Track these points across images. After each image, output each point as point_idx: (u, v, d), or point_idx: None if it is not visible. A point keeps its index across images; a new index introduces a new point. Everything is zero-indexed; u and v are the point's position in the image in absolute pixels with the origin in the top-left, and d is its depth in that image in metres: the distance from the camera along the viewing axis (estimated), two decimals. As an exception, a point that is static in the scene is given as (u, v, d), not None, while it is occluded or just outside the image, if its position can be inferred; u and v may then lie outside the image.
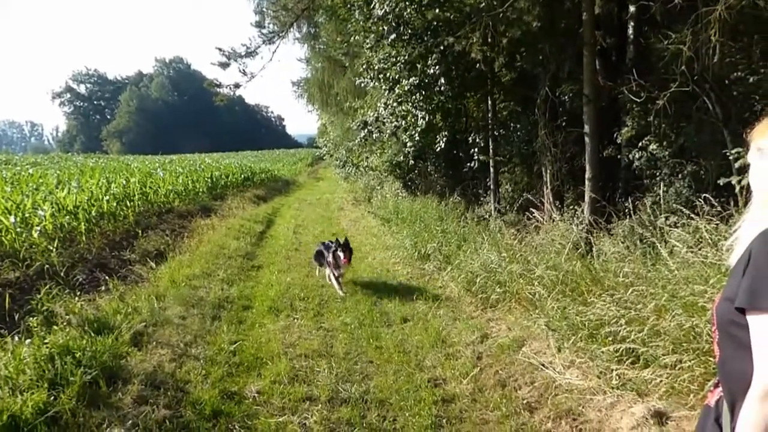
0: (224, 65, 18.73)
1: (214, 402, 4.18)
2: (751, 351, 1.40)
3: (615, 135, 8.67)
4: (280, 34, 18.71)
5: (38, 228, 7.72)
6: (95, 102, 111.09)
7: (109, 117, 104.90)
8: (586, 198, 7.98)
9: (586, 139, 8.05)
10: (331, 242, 7.35)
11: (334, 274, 6.75)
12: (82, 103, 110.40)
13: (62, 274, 6.78)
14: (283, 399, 4.32)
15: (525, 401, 4.16)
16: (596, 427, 3.66)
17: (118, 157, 43.31)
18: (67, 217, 8.81)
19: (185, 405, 4.15)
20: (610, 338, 4.19)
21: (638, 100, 7.25)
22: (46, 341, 4.41)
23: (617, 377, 3.94)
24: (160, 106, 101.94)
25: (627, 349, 4.01)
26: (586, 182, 8.02)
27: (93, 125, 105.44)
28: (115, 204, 10.67)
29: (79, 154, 52.86)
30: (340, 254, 6.41)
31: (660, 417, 3.42)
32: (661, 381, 3.64)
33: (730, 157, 5.96)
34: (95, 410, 3.84)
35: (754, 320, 1.39)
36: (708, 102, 6.95)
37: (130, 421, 3.78)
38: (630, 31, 9.21)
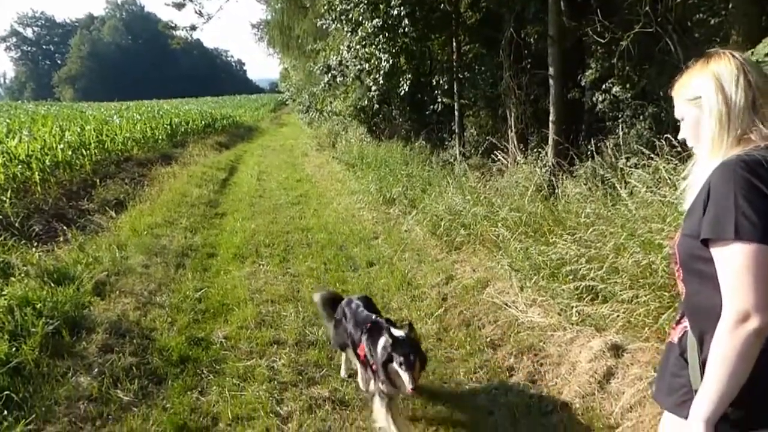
0: (179, 6, 18.05)
1: (181, 348, 4.19)
2: (718, 283, 1.41)
3: (579, 77, 8.65)
4: (238, -27, 17.98)
5: (-12, 178, 7.45)
6: (44, 47, 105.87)
7: (59, 62, 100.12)
8: (550, 140, 8.01)
9: (551, 81, 8.02)
10: (368, 306, 3.63)
11: (381, 397, 3.08)
12: (30, 48, 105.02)
13: (17, 225, 6.58)
14: (251, 343, 4.35)
15: (488, 339, 4.28)
16: (556, 361, 3.80)
17: (72, 105, 41.66)
18: (20, 167, 8.51)
19: (152, 352, 4.15)
20: (570, 277, 4.29)
21: (602, 41, 7.22)
22: (3, 293, 4.32)
23: (577, 314, 4.05)
24: (113, 50, 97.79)
25: (586, 286, 4.11)
26: (550, 125, 8.03)
27: (43, 71, 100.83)
28: (70, 153, 10.33)
29: (29, 101, 50.84)
30: (402, 373, 2.84)
31: (616, 350, 3.55)
32: (618, 316, 3.76)
33: (690, 99, 6.01)
34: (59, 360, 3.81)
35: (718, 251, 1.41)
36: (670, 44, 6.95)
37: (96, 369, 3.77)
38: (595, -31, 9.08)
